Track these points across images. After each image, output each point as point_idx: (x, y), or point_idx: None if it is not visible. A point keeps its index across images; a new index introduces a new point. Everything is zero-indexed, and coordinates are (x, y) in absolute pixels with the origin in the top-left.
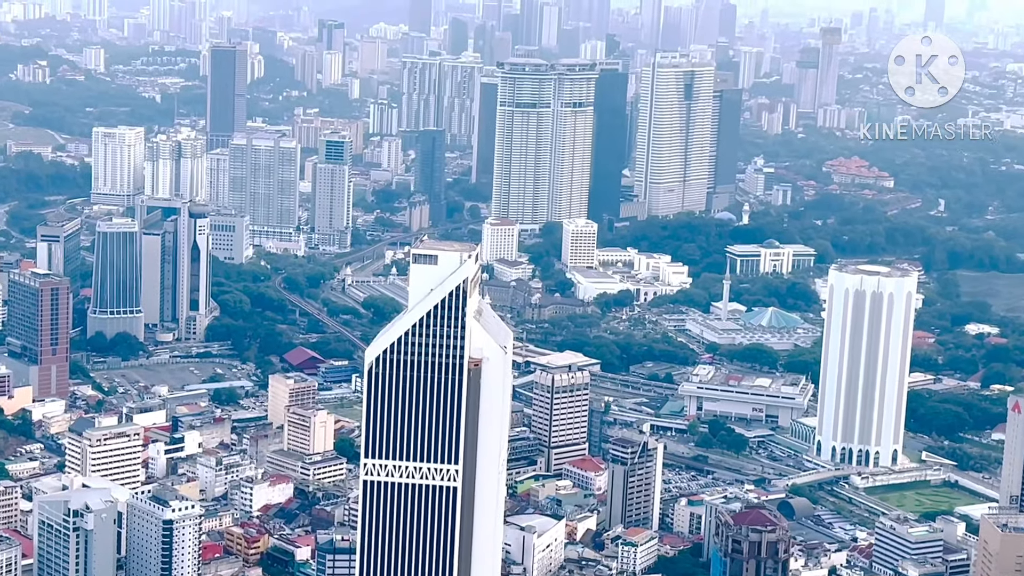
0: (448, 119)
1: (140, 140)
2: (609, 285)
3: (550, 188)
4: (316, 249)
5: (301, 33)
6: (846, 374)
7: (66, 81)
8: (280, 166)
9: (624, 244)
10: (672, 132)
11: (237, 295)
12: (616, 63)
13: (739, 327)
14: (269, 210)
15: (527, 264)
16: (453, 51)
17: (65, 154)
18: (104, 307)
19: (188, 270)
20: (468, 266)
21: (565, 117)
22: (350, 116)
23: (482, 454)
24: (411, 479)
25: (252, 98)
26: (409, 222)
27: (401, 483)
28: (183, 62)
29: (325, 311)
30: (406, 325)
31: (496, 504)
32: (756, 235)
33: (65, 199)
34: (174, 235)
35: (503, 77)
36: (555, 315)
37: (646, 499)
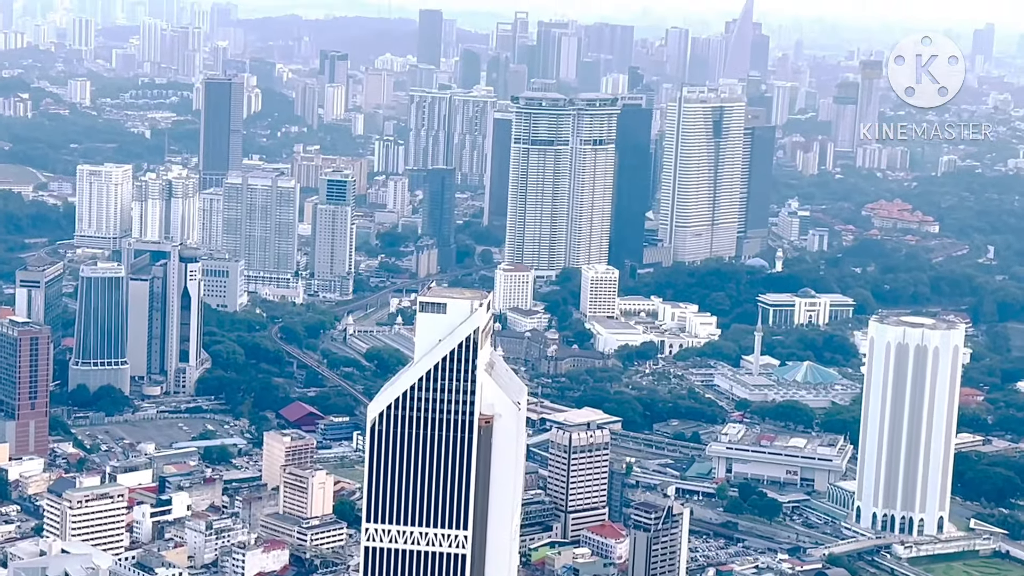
0: (459, 157)
1: (128, 179)
2: (631, 336)
3: (568, 232)
4: (316, 296)
5: (302, 65)
6: (888, 434)
7: (49, 115)
8: (278, 207)
9: (647, 292)
10: (700, 172)
11: (230, 346)
12: (639, 98)
13: (772, 383)
14: (265, 254)
15: (543, 313)
16: (464, 84)
17: (47, 193)
18: (87, 358)
19: (178, 318)
20: (479, 315)
21: (584, 155)
22: (353, 154)
23: (493, 519)
24: (416, 545)
25: (248, 134)
26: (416, 268)
27: (405, 550)
28: (175, 95)
29: (325, 363)
30: (412, 379)
31: (508, 573)
32: (790, 283)
33: (47, 241)
34: (163, 281)
35: (518, 112)
36: (573, 369)
37: (671, 569)
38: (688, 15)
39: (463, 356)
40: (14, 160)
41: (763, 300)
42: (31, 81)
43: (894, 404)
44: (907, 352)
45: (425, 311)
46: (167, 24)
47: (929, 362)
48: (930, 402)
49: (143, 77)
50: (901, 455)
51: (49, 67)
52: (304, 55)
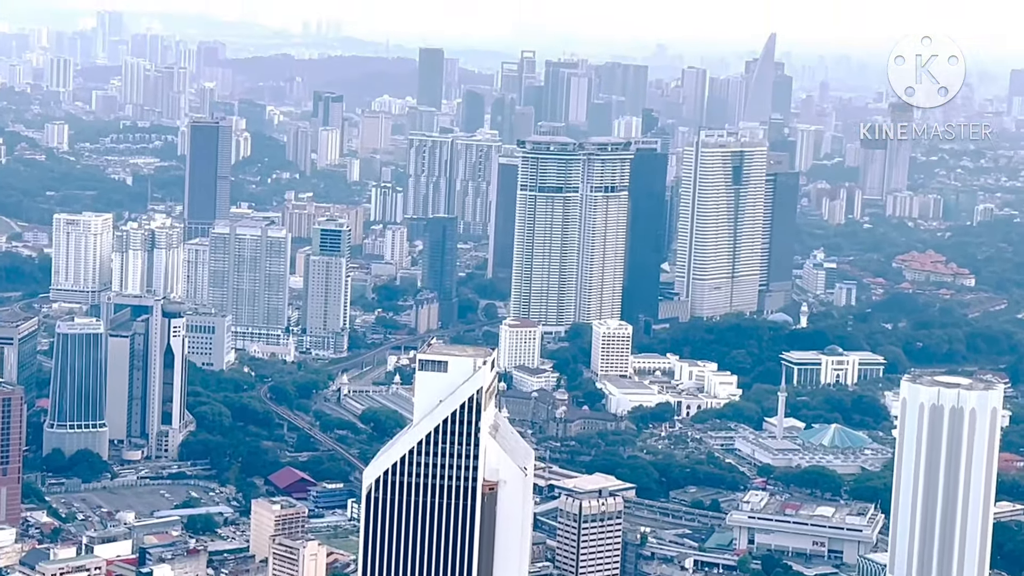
0: (461, 205)
1: (108, 228)
2: (646, 397)
3: (578, 285)
4: (308, 354)
5: (294, 107)
6: (921, 503)
7: (24, 161)
8: (268, 258)
9: (663, 350)
10: (718, 221)
11: (216, 407)
12: (654, 142)
13: (797, 447)
14: (254, 309)
15: (551, 372)
16: (467, 128)
17: (21, 244)
18: (63, 420)
19: (160, 378)
20: (483, 374)
21: (595, 203)
22: (349, 201)
23: None
24: None
25: (237, 180)
26: (415, 323)
27: None
28: (158, 139)
29: (317, 425)
30: (410, 442)
31: None
32: (816, 340)
33: (21, 295)
34: (145, 337)
35: (524, 157)
36: (583, 431)
37: None
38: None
39: (465, 418)
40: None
41: (787, 358)
42: (5, 125)
43: (928, 470)
44: (942, 414)
45: (425, 370)
46: (150, 64)
47: (965, 425)
48: (967, 468)
49: (125, 120)
50: (936, 525)
51: (24, 110)
52: (296, 96)
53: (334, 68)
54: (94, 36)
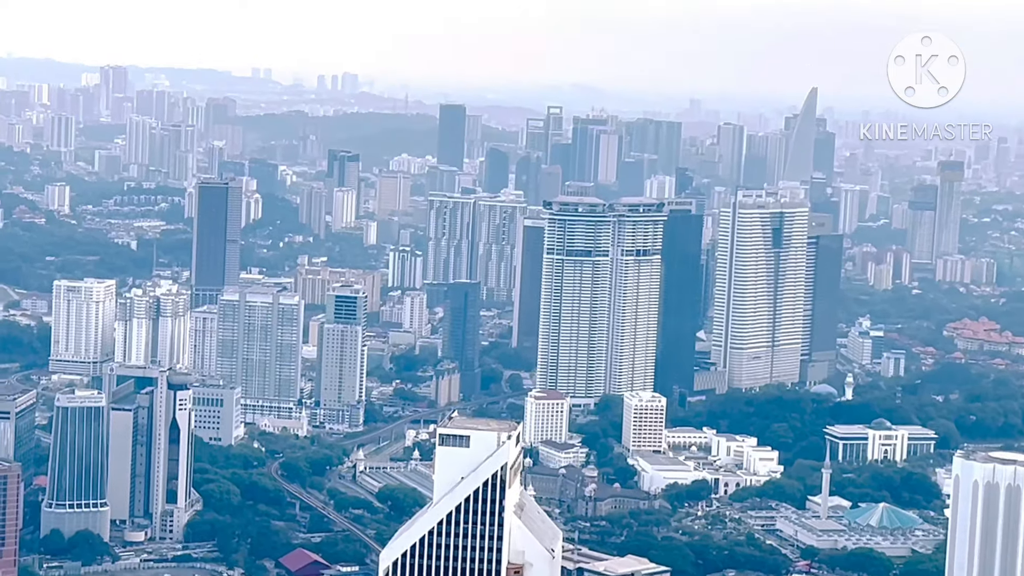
0: (484, 270)
1: (111, 295)
2: (681, 474)
3: (608, 354)
4: (322, 428)
5: (307, 166)
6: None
7: (23, 224)
8: (279, 327)
9: (699, 423)
10: (757, 286)
11: (224, 484)
12: (689, 202)
13: (842, 527)
14: (265, 380)
15: (580, 447)
16: (490, 188)
17: (19, 312)
18: (62, 499)
19: (165, 454)
20: (507, 449)
21: (627, 268)
22: (365, 266)
23: None
24: None
25: (247, 244)
26: (435, 395)
27: None
28: (164, 201)
29: (332, 504)
30: (430, 522)
31: None
32: (862, 413)
33: (18, 367)
34: (149, 411)
35: (551, 219)
36: (614, 510)
37: None
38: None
39: (489, 496)
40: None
41: (831, 433)
42: (3, 186)
43: (983, 552)
44: (997, 492)
45: (446, 445)
46: (156, 122)
47: (1023, 503)
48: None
49: (129, 181)
50: None
51: (24, 170)
52: (310, 155)
53: (350, 125)
54: (97, 93)
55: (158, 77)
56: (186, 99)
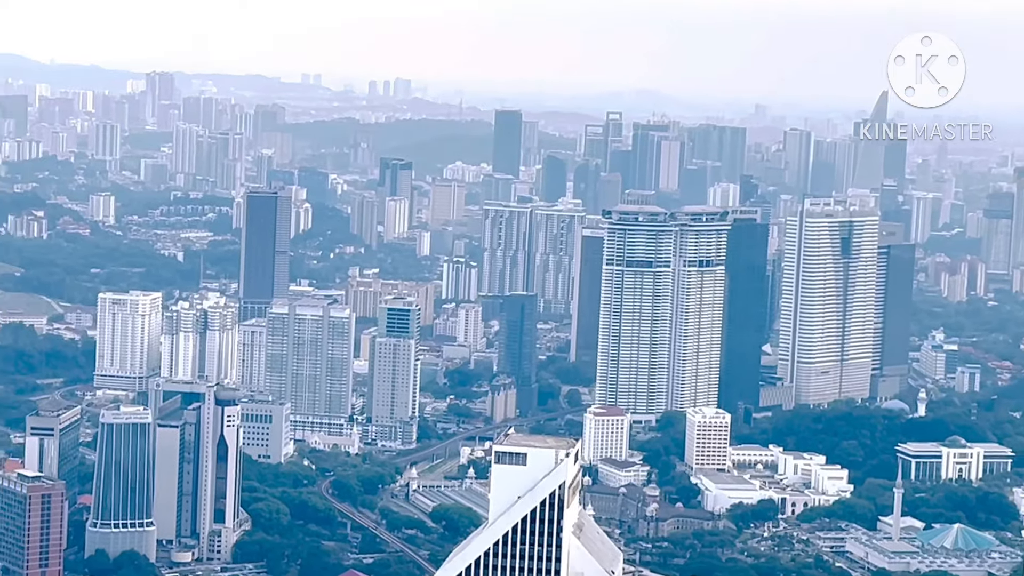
0: (541, 281)
1: (157, 308)
2: (746, 493)
3: (670, 369)
4: (373, 445)
5: (359, 175)
6: None
7: (67, 236)
8: (330, 340)
9: (765, 441)
10: (826, 298)
11: (274, 503)
12: (754, 211)
13: (915, 549)
14: (315, 396)
15: (641, 465)
16: (548, 196)
17: (63, 326)
18: (107, 518)
19: (213, 472)
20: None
21: (689, 279)
22: (418, 278)
23: None
24: None
25: (296, 255)
26: (491, 411)
27: None
28: (212, 211)
29: (384, 524)
30: (486, 543)
31: None
32: (935, 430)
33: (62, 382)
34: (196, 427)
35: (611, 229)
36: (677, 531)
37: None
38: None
39: (546, 516)
40: (26, 288)
41: (903, 450)
42: (47, 196)
43: None
44: None
45: (501, 462)
46: (204, 130)
47: None
48: None
49: (175, 191)
50: None
51: (68, 180)
52: (361, 164)
53: (402, 132)
54: (143, 100)
55: (205, 84)
56: (234, 106)
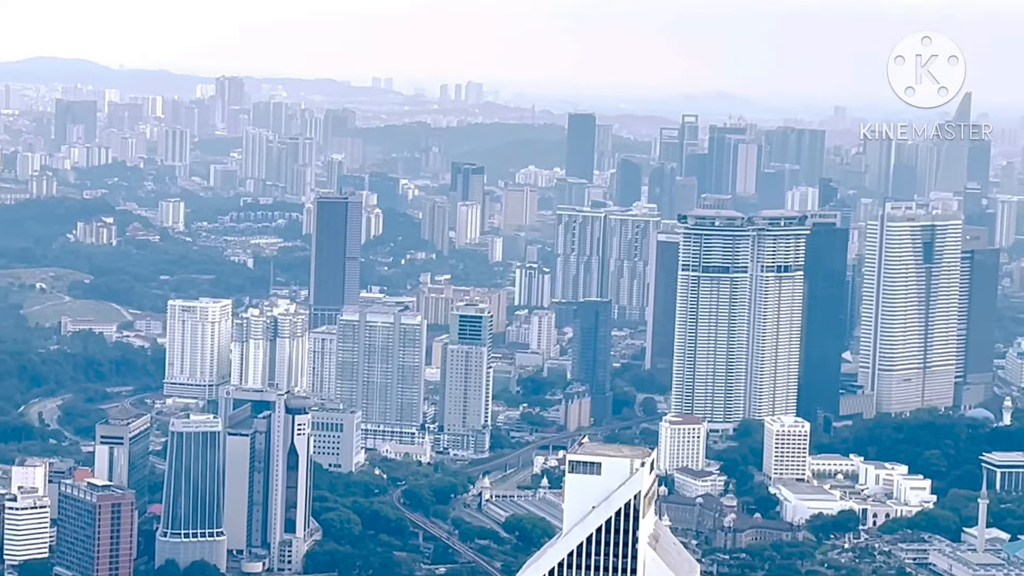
0: (615, 287)
1: (227, 316)
2: (826, 503)
3: (748, 376)
4: (445, 454)
5: (430, 180)
6: None
7: (136, 242)
8: (401, 348)
9: (845, 450)
10: (907, 304)
11: (345, 513)
12: (833, 215)
13: (1001, 561)
14: (387, 404)
15: (718, 475)
16: (622, 201)
17: (133, 333)
18: (177, 528)
19: (283, 481)
20: (641, 477)
21: (767, 285)
22: (490, 284)
23: None
24: None
25: (367, 261)
26: (565, 419)
27: None
28: (281, 217)
29: (456, 534)
30: (560, 554)
31: None
32: (1022, 439)
33: (132, 390)
34: (266, 436)
35: (686, 233)
36: (755, 542)
37: None
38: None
39: (621, 527)
40: (95, 295)
41: (988, 460)
42: (116, 203)
43: None
44: None
45: (576, 472)
46: (273, 135)
47: None
48: None
49: (245, 196)
50: None
51: (137, 186)
52: (433, 168)
53: (474, 136)
54: (213, 105)
55: (275, 88)
56: (304, 111)
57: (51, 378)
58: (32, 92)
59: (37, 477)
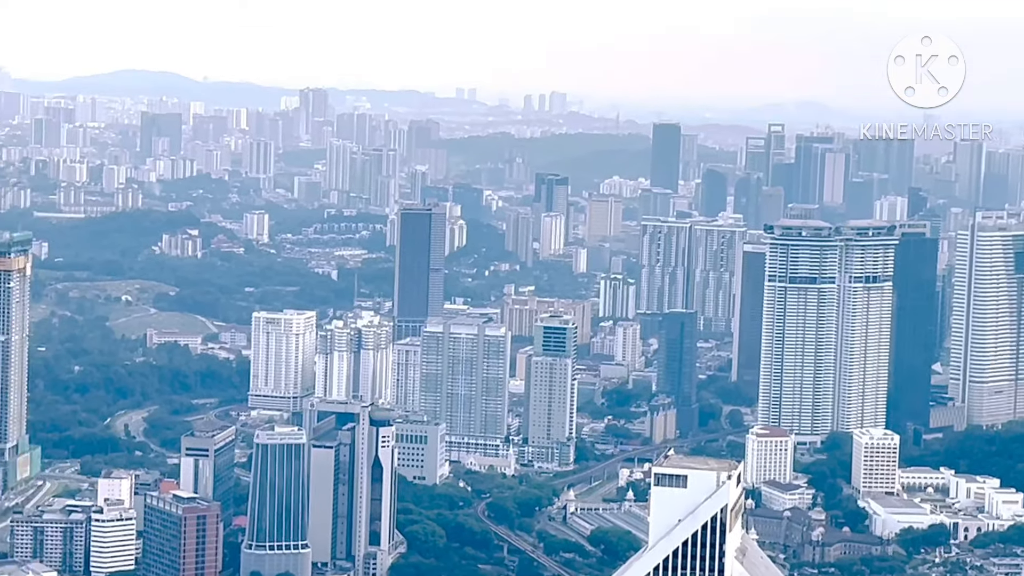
0: (701, 298)
1: (311, 327)
2: (916, 517)
3: (836, 388)
4: (530, 467)
5: (514, 191)
6: None
7: (221, 254)
8: (485, 360)
9: (936, 463)
10: (999, 315)
11: (429, 525)
12: (923, 225)
13: None
14: (471, 416)
15: (806, 488)
16: (707, 211)
17: (218, 345)
18: (262, 540)
19: (368, 493)
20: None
21: (855, 296)
22: (574, 295)
23: None
24: None
25: (451, 273)
26: (650, 432)
27: None
28: (365, 229)
29: (541, 548)
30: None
31: None
32: None
33: (216, 402)
34: (351, 448)
35: (773, 244)
36: (844, 556)
37: None
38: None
39: (708, 540)
40: (180, 307)
41: None
42: (201, 215)
43: None
44: None
45: (661, 485)
46: (357, 146)
47: None
48: None
49: (329, 208)
50: None
51: (222, 198)
52: (517, 179)
53: (558, 147)
54: (297, 117)
55: (359, 100)
56: (388, 122)
57: (137, 390)
58: (118, 105)
59: (123, 489)
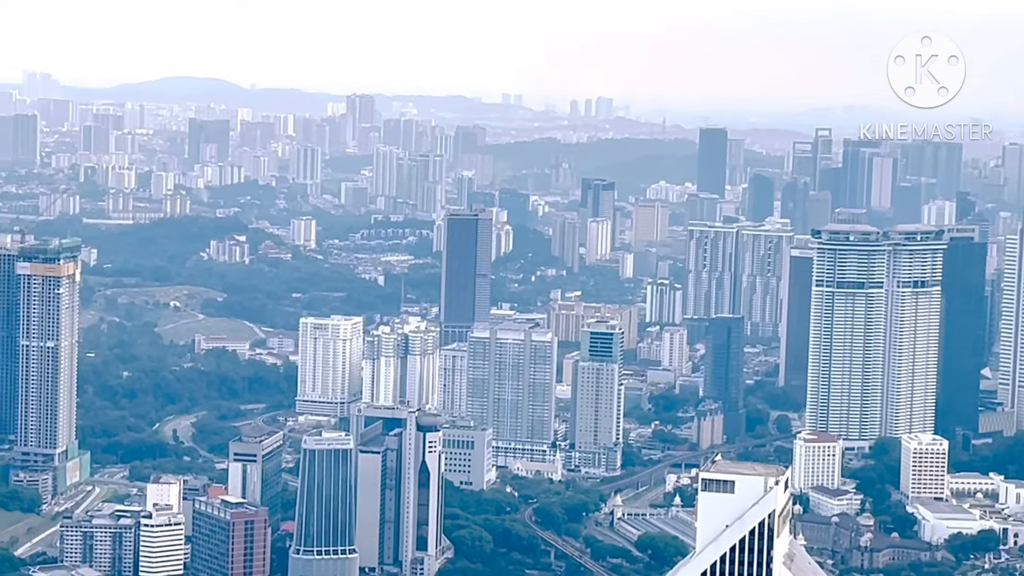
0: (748, 303)
1: (358, 333)
2: (965, 523)
3: (884, 393)
4: (577, 472)
5: (560, 196)
6: None
7: (269, 260)
8: (532, 365)
9: (985, 468)
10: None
11: (476, 531)
12: (971, 229)
13: None
14: (518, 421)
15: (854, 493)
16: (754, 216)
17: (265, 351)
18: (310, 545)
19: (415, 498)
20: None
21: (903, 300)
22: (621, 300)
23: None
24: None
25: (498, 278)
26: (697, 437)
27: None
28: (412, 235)
29: (588, 553)
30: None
31: None
32: None
33: (264, 408)
34: (398, 454)
35: (820, 249)
36: (893, 562)
37: None
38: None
39: (756, 546)
40: (228, 313)
41: None
42: (249, 221)
43: None
44: None
45: (709, 490)
46: (404, 152)
47: None
48: None
49: (376, 214)
50: None
51: (269, 204)
52: (563, 184)
53: (604, 152)
54: (344, 123)
55: (406, 105)
56: (434, 128)
57: (185, 396)
58: (166, 112)
59: (172, 494)
